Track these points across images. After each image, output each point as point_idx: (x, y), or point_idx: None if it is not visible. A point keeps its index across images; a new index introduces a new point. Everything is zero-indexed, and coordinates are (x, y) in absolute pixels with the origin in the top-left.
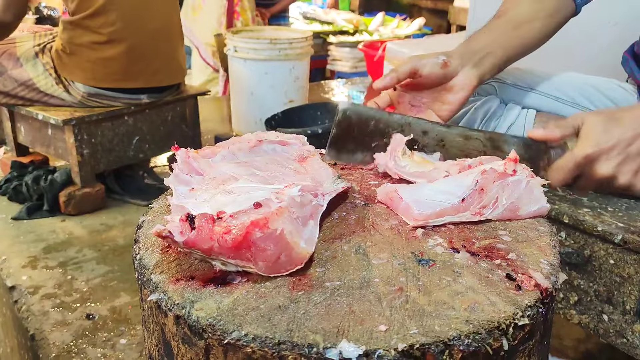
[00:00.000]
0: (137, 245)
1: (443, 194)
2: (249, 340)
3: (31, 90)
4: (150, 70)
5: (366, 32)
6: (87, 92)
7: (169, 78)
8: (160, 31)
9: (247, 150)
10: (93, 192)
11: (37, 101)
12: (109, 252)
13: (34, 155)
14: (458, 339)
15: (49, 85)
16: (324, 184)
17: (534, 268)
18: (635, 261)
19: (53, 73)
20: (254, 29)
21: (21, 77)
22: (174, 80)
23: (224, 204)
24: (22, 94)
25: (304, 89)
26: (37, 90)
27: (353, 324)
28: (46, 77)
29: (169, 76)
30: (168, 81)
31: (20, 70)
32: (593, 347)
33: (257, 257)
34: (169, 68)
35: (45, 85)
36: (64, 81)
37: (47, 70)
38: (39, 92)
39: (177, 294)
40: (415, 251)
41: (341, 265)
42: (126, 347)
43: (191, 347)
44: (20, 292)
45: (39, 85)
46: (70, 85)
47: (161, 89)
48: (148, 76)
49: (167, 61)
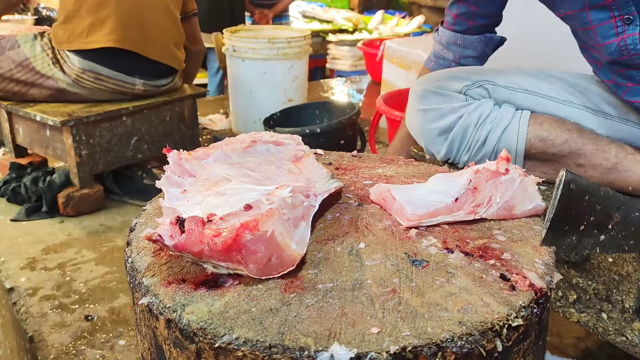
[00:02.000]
0: (129, 248)
1: (436, 194)
2: (240, 344)
3: (28, 72)
4: (146, 39)
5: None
6: (81, 67)
7: (164, 55)
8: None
9: (240, 151)
10: (92, 193)
11: (32, 83)
12: (107, 253)
13: (32, 156)
14: (451, 340)
15: (45, 65)
16: (317, 185)
17: (528, 268)
18: (633, 259)
19: (50, 53)
20: (252, 29)
21: (18, 57)
22: (168, 60)
23: (215, 206)
24: (18, 76)
25: (303, 88)
26: (34, 71)
27: (345, 327)
28: (43, 57)
29: (165, 54)
30: (163, 58)
31: (17, 50)
32: (593, 345)
33: (247, 259)
34: (164, 46)
35: (42, 64)
36: (60, 59)
37: (45, 50)
38: (35, 72)
39: (168, 297)
40: (409, 252)
41: (334, 267)
42: (125, 348)
43: (182, 350)
44: (19, 293)
45: (36, 64)
46: (66, 62)
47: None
48: (144, 44)
49: (164, 39)
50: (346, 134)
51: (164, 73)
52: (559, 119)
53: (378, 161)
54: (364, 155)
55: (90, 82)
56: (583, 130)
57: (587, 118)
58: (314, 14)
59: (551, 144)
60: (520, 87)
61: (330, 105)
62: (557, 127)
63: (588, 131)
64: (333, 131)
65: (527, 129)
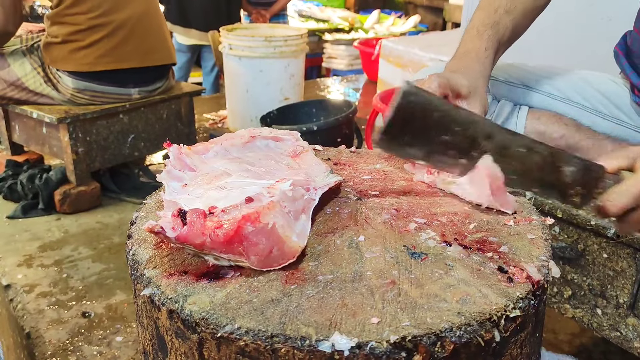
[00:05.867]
0: (130, 240)
1: None
2: (242, 334)
3: (21, 90)
4: (143, 49)
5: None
6: (75, 87)
7: (161, 57)
8: (146, 11)
9: (240, 146)
10: (88, 190)
11: (27, 101)
12: (104, 250)
13: (28, 153)
14: (450, 330)
15: (37, 84)
16: (317, 179)
17: (525, 260)
18: (628, 255)
19: (41, 72)
20: (249, 27)
21: (10, 77)
22: (165, 59)
23: (216, 200)
24: (11, 95)
25: (300, 86)
26: (27, 89)
27: (345, 317)
28: (34, 75)
29: (162, 55)
30: (160, 60)
31: (8, 71)
32: (588, 341)
33: (249, 251)
34: (161, 46)
35: (34, 84)
36: (52, 79)
37: (36, 69)
38: (29, 91)
39: (170, 288)
40: (408, 244)
41: (334, 259)
42: (122, 344)
43: (184, 341)
44: (16, 290)
45: (28, 84)
46: (59, 82)
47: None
48: (141, 55)
49: (159, 39)
50: (343, 132)
51: (159, 76)
52: (557, 114)
53: (376, 157)
54: (362, 151)
55: (85, 99)
56: (580, 126)
57: (585, 117)
58: (310, 13)
59: (548, 138)
60: (521, 83)
61: (327, 104)
62: (554, 121)
63: (585, 127)
64: (330, 129)
65: (525, 122)
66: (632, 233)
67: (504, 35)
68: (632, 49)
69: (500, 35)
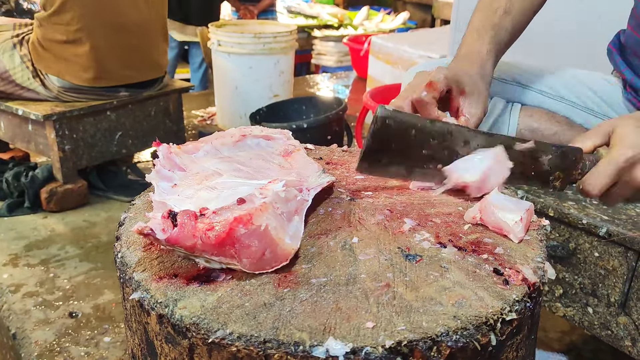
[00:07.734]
0: (118, 242)
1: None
2: (234, 339)
3: (7, 83)
4: (122, 68)
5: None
6: (62, 86)
7: (144, 74)
8: (132, 26)
9: (230, 145)
10: (75, 188)
11: (12, 94)
12: (92, 249)
13: (14, 151)
14: (446, 335)
15: (25, 78)
16: (309, 179)
17: (521, 262)
18: (619, 254)
19: (30, 66)
20: (238, 23)
21: None
22: (149, 76)
23: (207, 200)
24: None
25: (289, 83)
26: (14, 83)
27: (340, 321)
28: (23, 69)
29: (145, 72)
30: (143, 77)
31: None
32: (578, 339)
33: (241, 253)
34: (144, 64)
35: (22, 77)
36: (40, 74)
37: (25, 62)
38: (15, 84)
39: (159, 292)
40: (402, 246)
41: (327, 262)
42: (110, 345)
43: (175, 346)
44: (2, 290)
45: (15, 77)
46: (46, 79)
47: (140, 86)
48: (121, 74)
49: (142, 57)
50: (333, 130)
51: (148, 84)
52: (550, 111)
53: None
54: (354, 150)
55: (72, 97)
56: (573, 124)
57: (577, 114)
58: (299, 10)
59: (541, 135)
60: (514, 80)
61: (317, 101)
62: (547, 119)
63: (577, 125)
64: (320, 126)
65: (518, 120)
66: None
67: (505, 37)
68: (625, 46)
69: (500, 37)
